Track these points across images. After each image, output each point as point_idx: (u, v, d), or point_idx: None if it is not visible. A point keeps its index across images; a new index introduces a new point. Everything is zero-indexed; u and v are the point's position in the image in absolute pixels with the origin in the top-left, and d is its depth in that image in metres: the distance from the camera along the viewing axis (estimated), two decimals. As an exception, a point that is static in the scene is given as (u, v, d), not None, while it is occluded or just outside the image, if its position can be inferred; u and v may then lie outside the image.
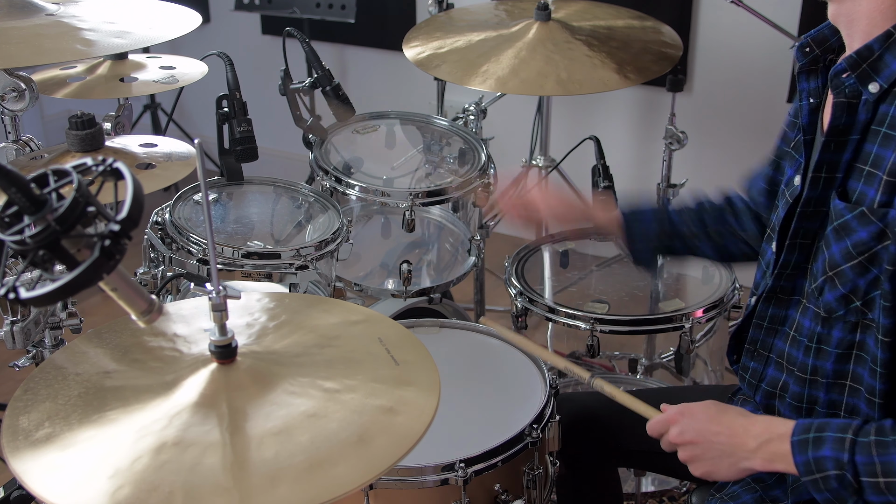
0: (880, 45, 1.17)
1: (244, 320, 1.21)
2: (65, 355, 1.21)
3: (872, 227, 1.17)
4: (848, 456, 1.14)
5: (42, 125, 4.00)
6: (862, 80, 1.19)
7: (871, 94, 1.18)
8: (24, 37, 1.50)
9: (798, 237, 1.30)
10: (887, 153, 1.15)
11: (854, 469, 1.14)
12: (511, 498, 1.46)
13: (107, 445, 1.02)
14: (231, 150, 1.93)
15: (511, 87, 2.13)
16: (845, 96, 1.21)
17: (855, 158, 1.21)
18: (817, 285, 1.26)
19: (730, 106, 3.14)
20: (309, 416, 1.04)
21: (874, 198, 1.17)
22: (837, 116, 1.22)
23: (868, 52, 1.18)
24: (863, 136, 1.20)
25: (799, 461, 1.18)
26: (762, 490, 1.38)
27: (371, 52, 3.72)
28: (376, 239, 2.18)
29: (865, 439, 1.14)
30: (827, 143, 1.23)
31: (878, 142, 1.17)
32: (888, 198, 1.15)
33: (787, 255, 1.32)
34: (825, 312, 1.25)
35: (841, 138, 1.22)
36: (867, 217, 1.17)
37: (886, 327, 1.18)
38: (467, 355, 1.74)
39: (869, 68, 1.18)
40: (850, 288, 1.21)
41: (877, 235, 1.16)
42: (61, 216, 0.86)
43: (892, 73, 1.16)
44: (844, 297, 1.22)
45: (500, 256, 2.14)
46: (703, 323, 1.90)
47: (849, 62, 1.19)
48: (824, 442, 1.17)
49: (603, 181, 2.18)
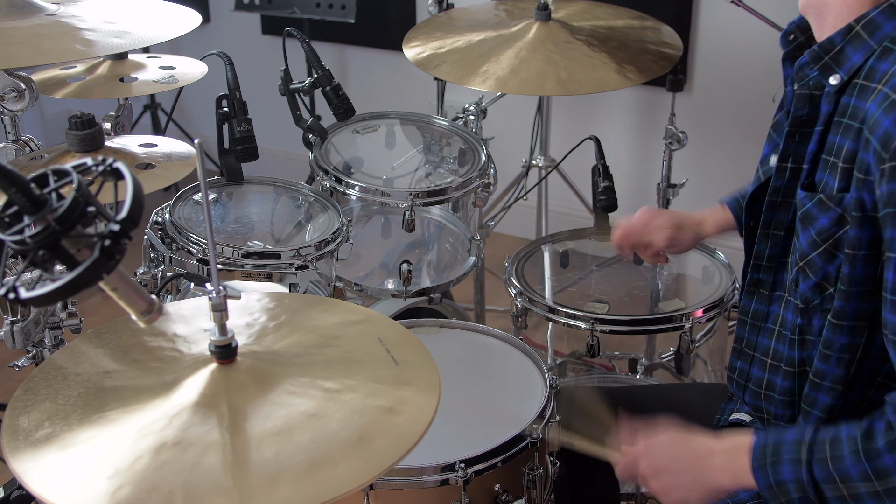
0: (842, 38, 1.20)
1: (244, 320, 1.21)
2: (65, 355, 1.21)
3: (831, 212, 1.19)
4: (807, 476, 1.13)
5: (42, 125, 4.00)
6: (824, 72, 1.22)
7: (832, 85, 1.21)
8: (24, 37, 1.50)
9: (770, 227, 1.33)
10: (845, 142, 1.18)
11: (816, 489, 1.13)
12: (511, 498, 1.46)
13: (107, 445, 1.02)
14: (231, 150, 1.93)
15: (511, 87, 2.13)
16: (808, 88, 1.25)
17: (820, 150, 1.24)
18: (793, 277, 1.28)
19: (730, 106, 3.14)
20: (309, 416, 1.04)
21: (834, 185, 1.19)
22: (800, 107, 1.26)
23: (830, 44, 1.21)
24: (826, 127, 1.23)
25: (762, 486, 1.18)
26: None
27: (371, 52, 3.72)
28: (376, 239, 2.18)
29: (822, 455, 1.13)
30: (791, 133, 1.27)
31: (841, 132, 1.20)
32: (845, 184, 1.17)
33: (760, 246, 1.34)
34: (802, 303, 1.26)
35: (805, 129, 1.26)
36: (825, 203, 1.19)
37: (836, 310, 1.20)
38: (467, 355, 1.74)
39: (831, 61, 1.21)
40: (821, 276, 1.22)
41: (837, 221, 1.19)
42: (61, 216, 0.86)
43: (853, 66, 1.19)
44: (818, 286, 1.23)
45: (500, 256, 2.14)
46: (703, 323, 1.90)
47: (811, 55, 1.23)
48: (781, 465, 1.16)
49: (603, 181, 2.18)
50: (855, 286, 1.18)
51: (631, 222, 1.70)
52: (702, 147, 3.12)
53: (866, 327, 1.19)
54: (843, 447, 1.12)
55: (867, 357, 1.22)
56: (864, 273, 1.16)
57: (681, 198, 2.57)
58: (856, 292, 1.18)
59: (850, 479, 1.10)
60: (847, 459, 1.11)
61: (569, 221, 2.59)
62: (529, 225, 3.20)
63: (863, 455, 1.10)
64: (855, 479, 1.10)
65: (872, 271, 1.16)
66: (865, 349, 1.21)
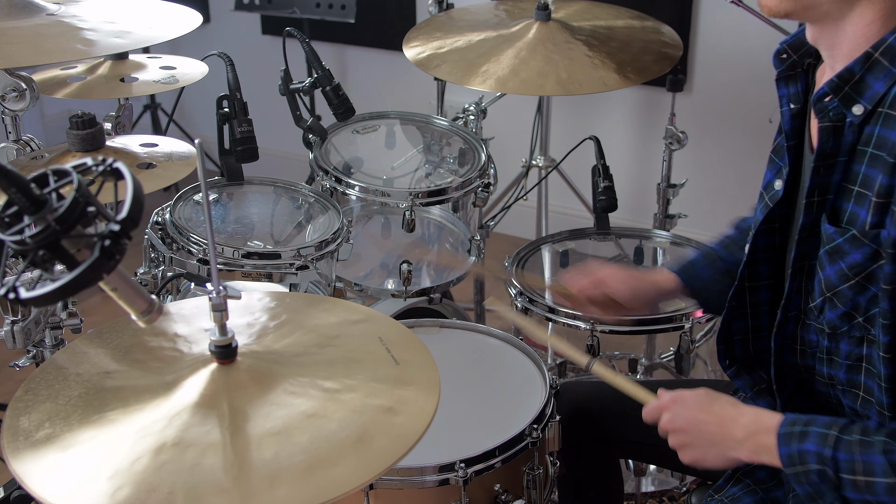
0: (861, 66, 1.16)
1: (244, 320, 1.21)
2: (66, 355, 1.21)
3: (865, 248, 1.16)
4: (830, 452, 1.15)
5: (42, 125, 4.00)
6: (845, 103, 1.18)
7: (856, 116, 1.17)
8: (25, 37, 1.50)
9: (801, 260, 1.29)
10: (876, 174, 1.15)
11: (835, 465, 1.14)
12: (511, 498, 1.46)
13: (107, 446, 1.02)
14: (231, 150, 1.93)
15: (511, 87, 2.13)
16: (830, 120, 1.20)
17: (844, 179, 1.20)
18: (816, 304, 1.26)
19: (730, 106, 3.14)
20: (309, 416, 1.04)
21: (865, 219, 1.16)
22: (825, 141, 1.21)
23: (849, 74, 1.17)
24: (850, 157, 1.19)
25: (783, 453, 1.18)
26: (763, 492, 1.38)
27: (371, 52, 3.72)
28: (376, 239, 2.18)
29: (849, 437, 1.15)
30: (817, 168, 1.22)
31: (866, 162, 1.17)
32: (879, 219, 1.15)
33: (793, 281, 1.31)
34: (829, 329, 1.25)
35: (829, 161, 1.21)
36: (859, 240, 1.17)
37: (886, 344, 1.18)
38: (467, 355, 1.74)
39: (851, 91, 1.17)
40: (850, 306, 1.21)
41: (871, 256, 1.16)
42: (61, 216, 0.86)
43: (875, 95, 1.16)
44: (846, 315, 1.22)
45: (500, 256, 2.14)
46: (703, 323, 1.90)
47: (830, 86, 1.19)
48: (808, 436, 1.17)
49: (603, 181, 2.18)
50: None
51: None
52: (702, 147, 3.12)
53: None
54: (874, 444, 1.13)
55: None
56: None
57: (681, 198, 2.57)
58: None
59: (873, 475, 1.12)
60: (874, 454, 1.13)
61: (569, 221, 2.58)
62: (529, 225, 3.20)
63: (885, 453, 1.12)
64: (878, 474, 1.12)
65: None
66: None
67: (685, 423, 1.29)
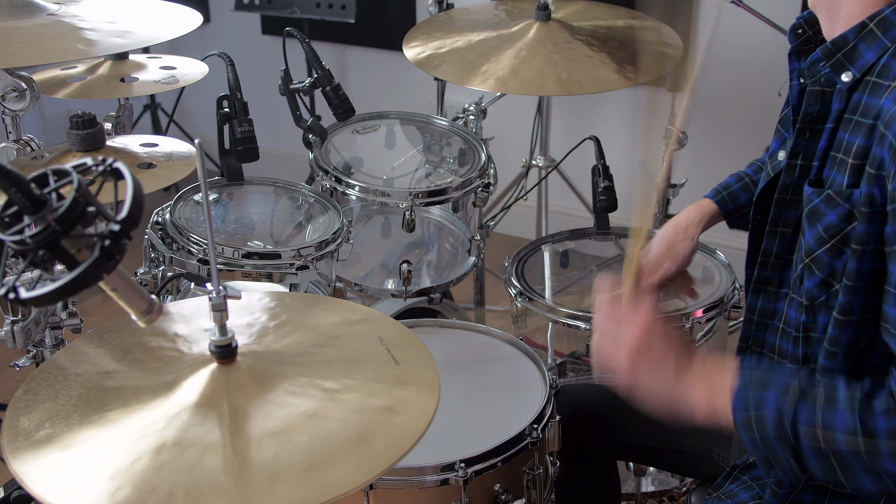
0: (855, 35, 1.20)
1: (244, 320, 1.21)
2: (66, 355, 1.21)
3: (840, 208, 1.19)
4: (791, 415, 1.10)
5: (42, 125, 4.00)
6: (836, 69, 1.22)
7: (844, 83, 1.21)
8: (25, 36, 1.50)
9: (778, 224, 1.33)
10: (856, 139, 1.18)
11: (794, 428, 1.10)
12: (511, 498, 1.46)
13: (107, 446, 1.02)
14: (232, 150, 1.93)
15: (511, 87, 2.13)
16: (820, 85, 1.25)
17: (829, 147, 1.23)
18: (798, 274, 1.28)
19: (730, 106, 3.14)
20: (309, 416, 1.04)
21: (842, 182, 1.19)
22: (811, 104, 1.26)
23: (843, 41, 1.21)
24: (836, 124, 1.22)
25: (738, 419, 1.14)
26: (759, 489, 1.38)
27: (371, 52, 3.72)
28: (376, 239, 2.18)
29: (812, 399, 1.11)
30: (802, 130, 1.27)
31: (850, 129, 1.19)
32: (854, 180, 1.17)
33: (768, 243, 1.34)
34: (807, 300, 1.26)
35: (815, 126, 1.25)
36: (834, 199, 1.19)
37: (842, 305, 1.19)
38: (467, 355, 1.74)
39: (843, 58, 1.21)
40: (827, 272, 1.22)
41: (845, 217, 1.18)
42: (61, 216, 0.86)
43: (866, 63, 1.19)
44: (824, 282, 1.23)
45: (500, 256, 2.14)
46: (703, 323, 1.90)
47: (824, 52, 1.23)
48: (766, 400, 1.13)
49: (603, 181, 2.18)
50: (862, 280, 1.17)
51: None
52: (702, 147, 3.12)
53: (871, 321, 1.19)
54: (840, 400, 1.09)
55: (871, 351, 1.21)
56: (871, 268, 1.16)
57: (681, 198, 2.57)
58: (863, 287, 1.18)
59: (833, 430, 1.08)
60: (839, 411, 1.08)
61: (569, 221, 2.58)
62: (529, 225, 3.20)
63: (857, 411, 1.08)
64: (839, 429, 1.08)
65: (880, 265, 1.16)
66: (869, 343, 1.21)
67: (645, 368, 1.23)
